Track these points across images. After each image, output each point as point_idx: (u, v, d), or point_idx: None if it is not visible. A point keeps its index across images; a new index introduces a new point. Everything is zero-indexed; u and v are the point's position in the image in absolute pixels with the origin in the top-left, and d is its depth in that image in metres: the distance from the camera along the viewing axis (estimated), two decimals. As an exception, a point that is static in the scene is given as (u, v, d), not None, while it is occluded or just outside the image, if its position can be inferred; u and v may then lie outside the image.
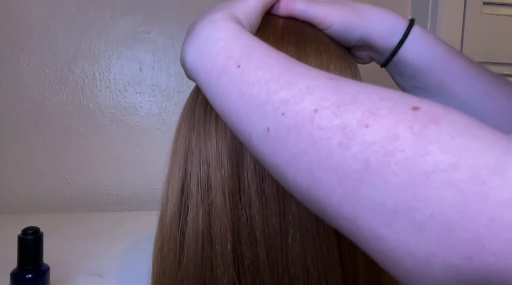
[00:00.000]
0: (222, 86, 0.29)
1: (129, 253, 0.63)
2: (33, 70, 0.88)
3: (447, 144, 0.20)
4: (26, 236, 0.44)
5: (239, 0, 0.36)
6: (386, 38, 0.41)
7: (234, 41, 0.30)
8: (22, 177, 0.89)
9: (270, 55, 0.28)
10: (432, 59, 0.41)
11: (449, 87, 0.41)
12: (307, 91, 0.25)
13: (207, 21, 0.34)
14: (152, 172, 0.93)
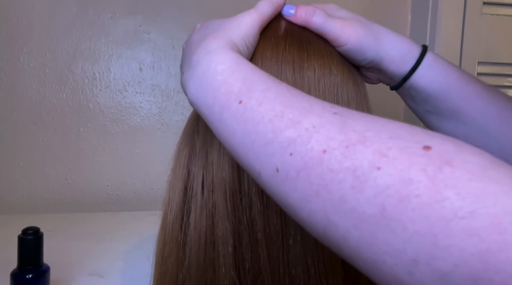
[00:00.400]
0: (226, 123, 0.29)
1: (129, 253, 0.63)
2: (33, 70, 0.88)
3: (464, 188, 0.19)
4: (26, 236, 0.44)
5: (234, 21, 0.36)
6: (398, 63, 0.41)
7: (233, 74, 0.30)
8: (22, 177, 0.89)
9: (270, 89, 0.28)
10: (445, 85, 0.41)
11: (464, 111, 0.41)
12: (314, 130, 0.24)
13: (203, 52, 0.33)
14: (152, 172, 0.93)
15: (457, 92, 0.41)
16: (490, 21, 0.93)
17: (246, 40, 0.35)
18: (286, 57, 0.37)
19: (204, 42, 0.34)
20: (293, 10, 0.39)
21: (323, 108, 0.26)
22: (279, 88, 0.28)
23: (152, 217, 0.82)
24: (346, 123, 0.24)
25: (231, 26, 0.35)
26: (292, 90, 0.28)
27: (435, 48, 0.92)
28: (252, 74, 0.30)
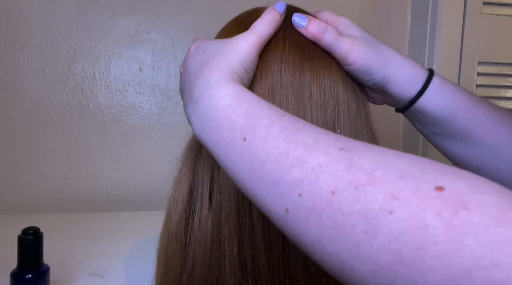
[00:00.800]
0: (232, 160, 0.28)
1: (129, 253, 0.63)
2: (33, 70, 0.88)
3: (483, 235, 0.18)
4: (26, 236, 0.44)
5: (231, 47, 0.35)
6: (405, 87, 0.41)
7: (235, 109, 0.29)
8: (22, 177, 0.89)
9: (274, 124, 0.27)
10: (454, 108, 0.41)
11: (474, 133, 0.41)
12: (320, 169, 0.23)
13: (203, 86, 0.33)
14: (152, 172, 0.93)
15: (466, 115, 0.41)
16: (490, 21, 0.93)
17: (245, 65, 0.35)
18: (286, 57, 0.37)
19: (203, 74, 0.33)
20: (305, 23, 0.38)
21: (329, 144, 0.25)
22: (282, 122, 0.27)
23: (152, 217, 0.82)
24: (353, 161, 0.23)
25: (229, 53, 0.35)
26: (296, 123, 0.27)
27: (435, 48, 0.92)
28: (253, 108, 0.29)
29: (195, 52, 0.38)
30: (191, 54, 0.38)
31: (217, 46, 0.36)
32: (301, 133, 0.26)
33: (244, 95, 0.30)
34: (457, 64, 0.93)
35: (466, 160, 0.43)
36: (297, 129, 0.27)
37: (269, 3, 0.44)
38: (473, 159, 0.42)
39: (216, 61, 0.34)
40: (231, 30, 0.41)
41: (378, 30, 1.00)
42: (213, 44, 0.37)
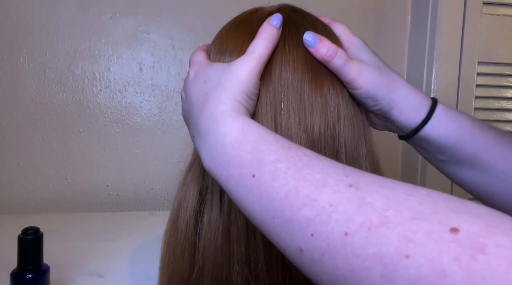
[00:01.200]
0: (243, 197, 0.29)
1: (129, 253, 0.63)
2: (33, 70, 0.88)
3: (503, 281, 0.18)
4: (26, 236, 0.44)
5: (231, 75, 0.35)
6: (408, 116, 0.41)
7: (241, 145, 0.30)
8: (22, 177, 0.89)
9: (281, 160, 0.27)
10: (460, 136, 0.40)
11: (482, 160, 0.41)
12: (331, 208, 0.23)
13: (209, 121, 0.33)
14: (152, 172, 0.93)
15: (472, 142, 0.40)
16: (490, 21, 0.93)
17: (247, 92, 0.34)
18: (286, 57, 0.37)
19: (208, 108, 0.33)
20: (315, 44, 0.37)
21: (337, 180, 0.25)
22: (289, 157, 0.27)
23: (152, 217, 0.82)
24: (363, 199, 0.23)
25: (230, 82, 0.34)
26: (303, 157, 0.27)
27: (435, 48, 0.92)
28: (260, 143, 0.29)
29: (195, 80, 0.37)
30: (191, 82, 0.38)
31: (217, 74, 0.36)
32: (309, 168, 0.26)
33: (249, 129, 0.30)
34: (457, 64, 0.93)
35: (476, 186, 0.42)
36: (304, 164, 0.27)
37: (268, 3, 0.44)
38: (483, 184, 0.41)
39: (218, 92, 0.34)
40: (231, 31, 0.41)
41: (378, 30, 1.00)
42: (213, 71, 0.36)
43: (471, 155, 0.41)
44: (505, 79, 0.95)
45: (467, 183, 0.43)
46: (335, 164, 0.27)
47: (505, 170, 0.40)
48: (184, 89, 0.39)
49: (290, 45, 0.38)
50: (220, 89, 0.34)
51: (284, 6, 0.42)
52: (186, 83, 0.39)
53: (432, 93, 0.93)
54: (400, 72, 1.02)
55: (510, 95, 0.96)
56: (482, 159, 0.40)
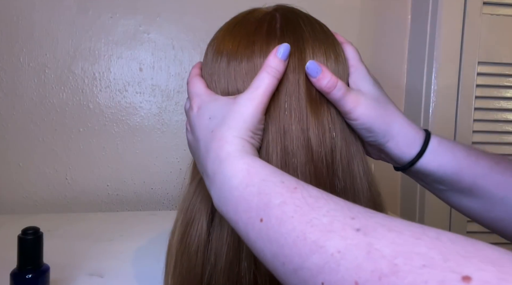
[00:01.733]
0: (253, 241, 0.29)
1: (129, 253, 0.63)
2: (33, 70, 0.88)
3: None
4: (26, 236, 0.44)
5: (236, 112, 0.35)
6: (403, 149, 0.41)
7: (247, 188, 0.30)
8: (22, 177, 0.89)
9: (286, 203, 0.27)
10: (456, 167, 0.41)
11: (481, 188, 0.41)
12: (339, 256, 0.23)
13: (216, 162, 0.33)
14: (152, 172, 0.93)
15: (469, 171, 0.41)
16: (490, 21, 0.93)
17: (253, 129, 0.35)
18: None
19: (213, 148, 0.34)
20: (317, 75, 0.38)
21: (344, 223, 0.24)
22: (295, 199, 0.27)
23: (152, 217, 0.82)
24: (372, 245, 0.22)
25: (235, 120, 0.34)
26: (309, 198, 0.27)
27: (435, 48, 0.92)
28: (265, 185, 0.29)
29: (199, 116, 0.37)
30: (196, 117, 0.38)
31: (222, 111, 0.36)
32: (315, 211, 0.26)
33: (255, 170, 0.31)
34: (457, 64, 0.93)
35: (478, 213, 0.42)
36: (310, 206, 0.26)
37: (265, 4, 0.44)
38: (485, 211, 0.42)
39: (223, 130, 0.34)
40: (227, 32, 0.41)
41: (378, 30, 1.00)
42: (218, 107, 0.36)
43: (470, 184, 0.41)
44: (505, 79, 0.95)
45: (469, 210, 0.43)
46: (341, 204, 0.26)
47: (505, 196, 0.40)
48: (189, 122, 0.39)
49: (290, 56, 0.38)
50: (225, 127, 0.34)
51: (280, 6, 0.42)
52: (190, 117, 0.39)
53: (432, 93, 0.93)
54: (400, 72, 1.02)
55: (510, 95, 0.96)
56: (481, 187, 0.41)
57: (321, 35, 0.40)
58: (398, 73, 1.02)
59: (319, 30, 0.40)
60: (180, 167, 0.94)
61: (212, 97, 0.38)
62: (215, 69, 0.40)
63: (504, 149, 0.96)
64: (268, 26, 0.39)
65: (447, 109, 0.94)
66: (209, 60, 0.41)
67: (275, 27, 0.39)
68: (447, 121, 0.94)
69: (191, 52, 0.92)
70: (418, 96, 0.97)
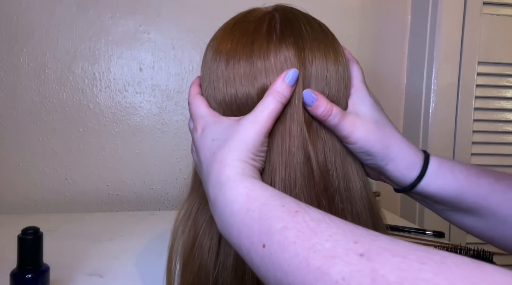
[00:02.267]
0: (257, 266, 0.28)
1: (129, 253, 0.63)
2: (33, 70, 0.88)
3: None
4: (26, 236, 0.44)
5: (239, 134, 0.35)
6: (403, 172, 0.40)
7: (248, 213, 0.29)
8: (22, 177, 0.89)
9: (288, 228, 0.27)
10: (457, 187, 0.40)
11: (483, 206, 0.40)
12: (344, 283, 0.22)
13: (217, 186, 0.33)
14: (152, 172, 0.93)
15: (470, 192, 0.40)
16: (490, 21, 0.93)
17: (254, 152, 0.35)
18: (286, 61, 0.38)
19: (214, 171, 0.34)
20: (313, 103, 0.38)
21: (347, 248, 0.24)
22: (296, 224, 0.27)
23: (152, 217, 0.82)
24: (376, 271, 0.22)
25: (237, 143, 0.34)
26: (310, 222, 0.27)
27: (435, 48, 0.92)
28: (266, 209, 0.29)
29: (203, 138, 0.38)
30: (200, 139, 0.38)
31: (224, 133, 0.36)
32: (317, 236, 0.25)
33: (255, 194, 0.30)
34: (457, 64, 0.93)
35: (482, 232, 0.42)
36: (312, 231, 0.26)
37: (264, 4, 0.44)
38: (489, 230, 0.41)
39: (224, 153, 0.34)
40: (226, 31, 0.41)
41: (378, 30, 1.00)
42: (221, 129, 0.36)
43: (472, 204, 0.40)
44: (505, 79, 0.95)
45: (472, 229, 0.43)
46: (343, 227, 0.26)
47: (508, 214, 0.40)
48: (193, 143, 0.39)
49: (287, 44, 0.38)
50: (226, 149, 0.34)
51: (280, 6, 0.42)
52: (194, 138, 0.39)
53: (432, 93, 0.93)
54: (400, 72, 1.02)
55: (510, 95, 0.96)
56: (483, 207, 0.40)
57: (321, 35, 0.40)
58: (398, 73, 1.02)
59: (318, 30, 0.40)
60: (180, 167, 0.94)
61: (215, 119, 0.38)
62: (213, 69, 0.40)
63: (504, 149, 0.96)
64: (268, 26, 0.39)
65: (447, 109, 0.94)
66: (208, 60, 0.41)
67: (275, 27, 0.39)
68: (447, 121, 0.94)
69: (191, 52, 0.92)
70: (418, 96, 0.97)
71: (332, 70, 0.39)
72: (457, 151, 0.95)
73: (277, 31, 0.39)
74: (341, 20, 0.97)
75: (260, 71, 0.37)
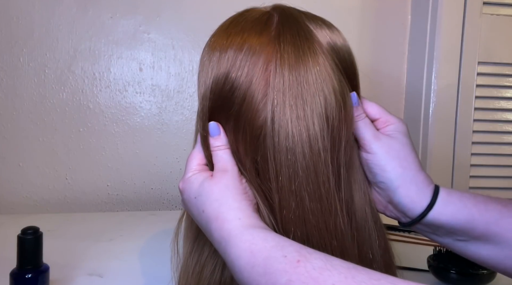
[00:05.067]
0: None
1: (129, 253, 0.63)
2: (33, 70, 0.88)
3: None
4: (25, 235, 0.44)
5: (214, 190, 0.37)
6: (414, 198, 0.39)
7: (253, 269, 0.31)
8: (22, 177, 0.89)
9: (292, 280, 0.28)
10: (467, 215, 0.40)
11: (496, 233, 0.40)
12: None
13: (222, 243, 0.34)
14: (152, 172, 0.93)
15: (480, 218, 0.40)
16: (490, 21, 0.93)
17: (240, 195, 0.37)
18: (282, 56, 0.37)
19: (214, 230, 0.35)
20: (356, 104, 0.40)
21: None
22: (299, 275, 0.28)
23: (152, 217, 0.82)
24: None
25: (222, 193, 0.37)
26: (312, 271, 0.28)
27: (435, 48, 0.92)
28: (269, 263, 0.30)
29: (187, 199, 0.40)
30: (185, 201, 0.40)
31: (204, 190, 0.38)
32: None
33: (257, 248, 0.32)
34: (457, 64, 0.93)
35: (499, 262, 0.41)
36: (315, 281, 0.27)
37: (263, 3, 0.44)
38: (505, 259, 0.40)
39: (213, 208, 0.36)
40: (225, 32, 0.41)
41: (378, 30, 1.00)
42: (196, 187, 0.38)
43: (483, 231, 0.40)
44: (505, 79, 0.95)
45: (489, 260, 0.42)
46: (345, 273, 0.26)
47: None
48: (183, 204, 0.41)
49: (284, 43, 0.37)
50: (217, 204, 0.36)
51: (278, 6, 0.42)
52: (182, 198, 0.41)
53: (432, 93, 0.93)
54: (400, 72, 1.02)
55: (510, 95, 0.95)
56: (495, 233, 0.39)
57: (324, 27, 0.40)
58: (398, 73, 1.02)
59: (320, 24, 0.40)
60: (180, 167, 0.94)
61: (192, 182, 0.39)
62: (207, 65, 0.40)
63: (504, 149, 0.96)
64: (264, 25, 0.39)
65: (447, 109, 0.94)
66: (202, 57, 0.41)
67: (272, 27, 0.39)
68: (447, 121, 0.94)
69: (191, 52, 0.92)
70: (418, 96, 0.97)
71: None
72: (457, 151, 0.95)
73: (273, 31, 0.39)
74: (341, 20, 0.97)
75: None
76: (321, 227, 0.36)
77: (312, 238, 0.36)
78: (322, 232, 0.36)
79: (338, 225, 0.37)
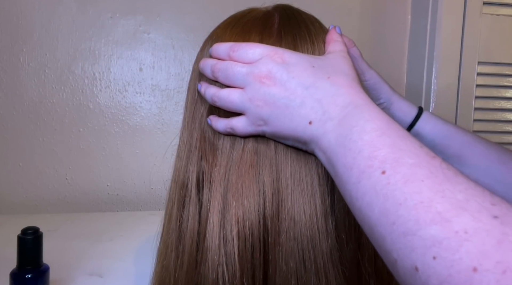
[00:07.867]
0: (362, 192, 0.26)
1: (129, 253, 0.63)
2: (33, 70, 0.88)
3: None
4: (25, 235, 0.44)
5: (338, 63, 0.34)
6: (405, 110, 0.48)
7: (381, 136, 0.27)
8: (22, 177, 0.89)
9: (421, 165, 0.25)
10: (446, 131, 0.47)
11: (468, 155, 0.46)
12: (465, 236, 0.20)
13: (350, 106, 0.30)
14: (152, 172, 0.93)
15: (458, 137, 0.46)
16: (490, 21, 0.93)
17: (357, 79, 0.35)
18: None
19: (345, 94, 0.31)
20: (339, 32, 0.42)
21: (482, 206, 0.21)
22: (431, 166, 0.24)
23: (152, 217, 0.82)
24: (507, 236, 0.20)
25: (346, 75, 0.33)
26: (447, 171, 0.24)
27: (435, 48, 0.92)
28: (402, 141, 0.26)
29: (295, 65, 0.33)
30: (290, 66, 0.33)
31: (325, 63, 0.34)
32: (451, 184, 0.23)
33: (394, 126, 0.28)
34: (457, 64, 0.93)
35: None
36: (447, 178, 0.24)
37: (264, 3, 0.44)
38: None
39: (346, 80, 0.32)
40: (226, 31, 0.41)
41: (378, 30, 1.00)
42: (311, 60, 0.34)
43: (458, 151, 0.46)
44: (505, 79, 0.95)
45: None
46: (483, 189, 0.23)
47: (488, 167, 0.45)
48: (270, 78, 0.33)
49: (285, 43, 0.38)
50: (345, 78, 0.32)
51: (279, 6, 0.42)
52: (273, 70, 0.33)
53: (432, 93, 0.93)
54: (400, 72, 1.02)
55: (510, 95, 0.95)
56: (467, 155, 0.46)
57: (319, 32, 0.40)
58: (398, 73, 1.02)
59: (319, 29, 0.40)
60: (180, 167, 0.94)
61: (291, 51, 0.35)
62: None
63: (504, 149, 0.96)
64: (266, 25, 0.39)
65: (447, 109, 0.94)
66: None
67: (273, 27, 0.39)
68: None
69: (191, 52, 0.92)
70: (418, 96, 0.97)
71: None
72: (457, 151, 0.95)
73: (275, 31, 0.39)
74: (341, 20, 0.97)
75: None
76: None
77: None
78: None
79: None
